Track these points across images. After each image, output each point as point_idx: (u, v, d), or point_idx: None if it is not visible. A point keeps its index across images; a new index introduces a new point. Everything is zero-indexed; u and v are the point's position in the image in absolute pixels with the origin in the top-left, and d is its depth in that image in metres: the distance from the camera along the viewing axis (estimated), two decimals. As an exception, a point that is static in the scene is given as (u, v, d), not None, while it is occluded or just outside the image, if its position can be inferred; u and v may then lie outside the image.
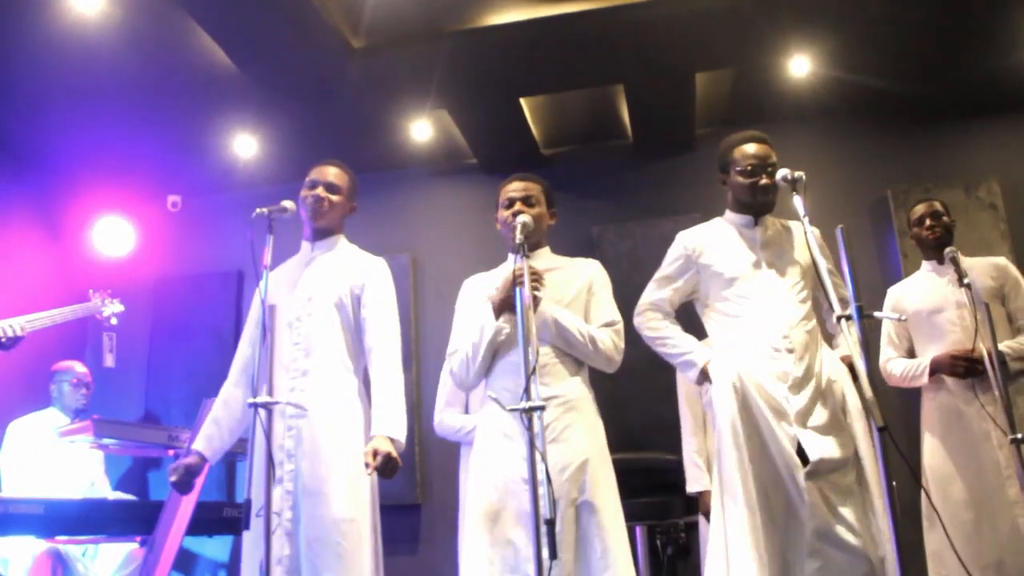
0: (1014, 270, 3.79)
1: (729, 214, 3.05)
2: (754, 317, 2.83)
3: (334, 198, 3.08)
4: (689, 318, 3.15)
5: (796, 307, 2.82)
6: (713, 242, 2.99)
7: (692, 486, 3.85)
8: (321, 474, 2.77)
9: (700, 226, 3.10)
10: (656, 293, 3.06)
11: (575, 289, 2.88)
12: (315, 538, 2.70)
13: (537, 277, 2.70)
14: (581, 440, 2.71)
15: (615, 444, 2.88)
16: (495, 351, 2.81)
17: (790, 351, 2.75)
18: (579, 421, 2.74)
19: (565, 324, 2.77)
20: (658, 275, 3.08)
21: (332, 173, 3.11)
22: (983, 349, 3.35)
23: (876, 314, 2.68)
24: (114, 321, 4.43)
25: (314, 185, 3.07)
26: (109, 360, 4.72)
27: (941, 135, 5.27)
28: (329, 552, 2.70)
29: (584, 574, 2.58)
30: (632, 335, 2.99)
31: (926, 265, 3.88)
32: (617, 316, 2.89)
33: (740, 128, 3.10)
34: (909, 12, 4.39)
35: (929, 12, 4.41)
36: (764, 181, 2.89)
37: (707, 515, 3.78)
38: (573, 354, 2.81)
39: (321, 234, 3.11)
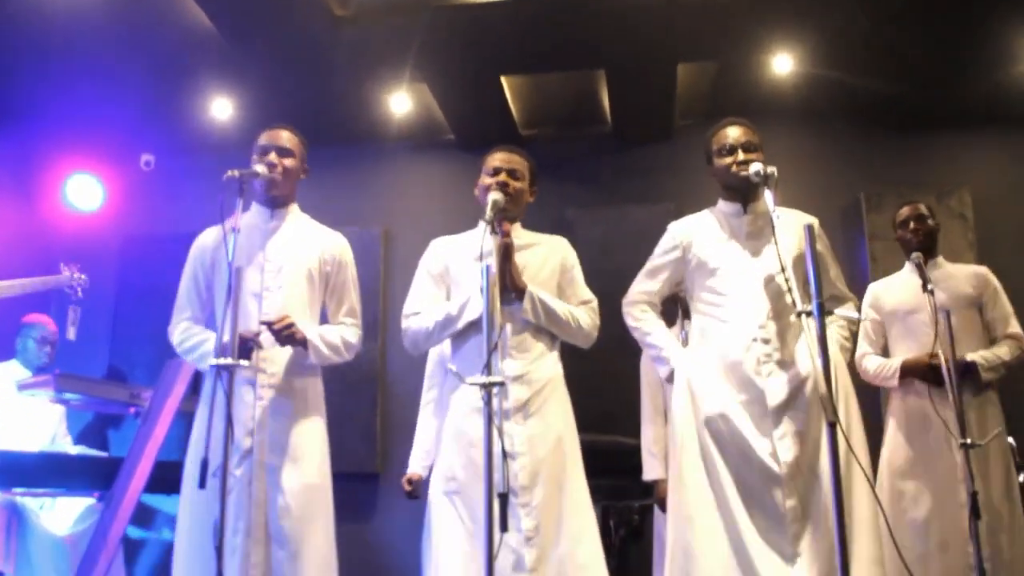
0: (994, 279, 3.84)
1: (720, 203, 3.01)
2: (733, 307, 2.82)
3: (288, 163, 2.95)
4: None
5: (776, 297, 2.78)
6: (701, 232, 2.97)
7: (648, 474, 3.90)
8: (293, 443, 2.79)
9: (690, 216, 3.06)
10: (645, 284, 3.05)
11: (550, 267, 2.93)
12: (289, 505, 2.72)
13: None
14: (556, 417, 2.78)
15: (579, 425, 2.91)
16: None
17: (766, 341, 2.74)
18: (554, 398, 2.80)
19: (552, 306, 2.82)
20: (648, 265, 3.06)
21: (284, 136, 2.97)
22: (941, 355, 3.41)
23: (837, 311, 2.71)
24: (79, 293, 4.39)
25: (266, 151, 2.93)
26: (71, 333, 4.68)
27: (917, 142, 5.33)
28: (304, 518, 2.74)
29: (558, 548, 2.62)
30: (602, 317, 3.01)
31: (908, 266, 3.92)
32: (591, 295, 2.98)
33: (719, 121, 3.07)
34: (894, 19, 4.43)
35: (913, 20, 4.46)
36: (743, 157, 2.82)
37: (661, 503, 3.85)
38: (556, 332, 2.87)
39: (279, 202, 3.01)
